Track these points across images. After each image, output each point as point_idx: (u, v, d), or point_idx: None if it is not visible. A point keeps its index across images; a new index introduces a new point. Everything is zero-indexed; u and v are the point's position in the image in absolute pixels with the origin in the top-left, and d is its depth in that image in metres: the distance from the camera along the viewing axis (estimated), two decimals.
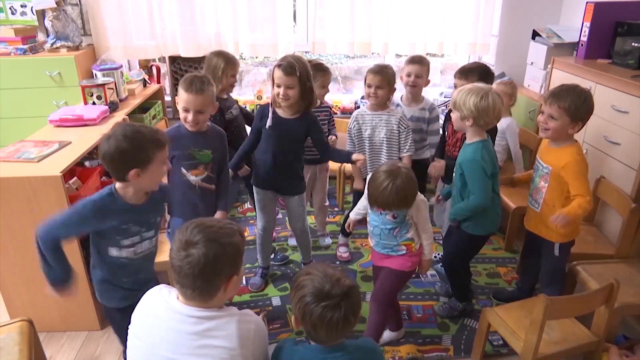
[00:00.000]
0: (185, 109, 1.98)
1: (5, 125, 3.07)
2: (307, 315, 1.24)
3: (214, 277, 1.22)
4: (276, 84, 2.15)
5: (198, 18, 3.32)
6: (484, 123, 1.96)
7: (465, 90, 1.98)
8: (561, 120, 1.93)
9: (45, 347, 2.03)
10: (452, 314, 2.32)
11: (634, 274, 2.13)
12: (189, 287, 1.22)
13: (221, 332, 1.23)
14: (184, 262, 1.19)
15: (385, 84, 2.42)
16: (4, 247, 2.05)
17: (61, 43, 3.13)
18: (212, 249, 1.20)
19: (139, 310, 1.33)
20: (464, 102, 1.95)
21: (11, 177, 1.94)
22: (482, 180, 1.98)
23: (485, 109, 1.92)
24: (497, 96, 1.95)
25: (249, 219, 3.27)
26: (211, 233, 1.22)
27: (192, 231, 1.22)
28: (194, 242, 1.20)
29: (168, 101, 3.63)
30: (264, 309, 2.39)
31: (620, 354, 1.90)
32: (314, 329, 1.26)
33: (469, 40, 3.48)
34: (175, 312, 1.25)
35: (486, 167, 1.96)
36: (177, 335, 1.23)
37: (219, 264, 1.21)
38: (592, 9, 2.76)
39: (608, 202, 2.41)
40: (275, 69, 2.14)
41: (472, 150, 1.99)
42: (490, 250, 2.88)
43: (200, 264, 1.18)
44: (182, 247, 1.21)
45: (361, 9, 3.34)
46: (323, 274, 1.28)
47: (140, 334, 1.29)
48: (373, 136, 2.51)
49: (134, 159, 1.51)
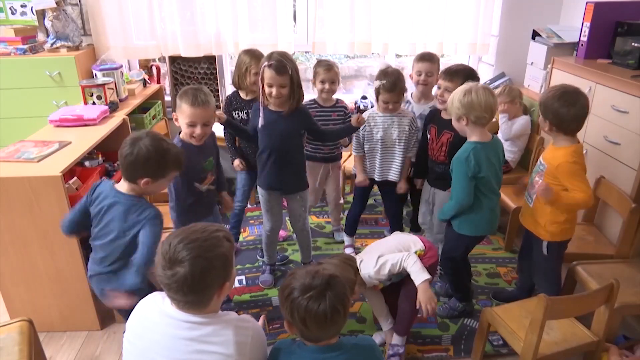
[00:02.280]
0: (192, 124, 1.96)
1: (5, 125, 3.07)
2: (295, 311, 1.25)
3: (205, 290, 1.21)
4: (267, 83, 2.12)
5: (198, 18, 3.31)
6: (475, 118, 1.96)
7: (453, 93, 2.02)
8: (547, 127, 2.00)
9: (45, 347, 2.03)
10: (452, 314, 2.32)
11: (634, 274, 2.13)
12: (181, 300, 1.22)
13: (217, 338, 1.22)
14: (171, 281, 1.17)
15: (400, 98, 2.44)
16: (4, 247, 2.05)
17: (61, 43, 3.13)
18: (198, 266, 1.16)
19: (133, 317, 1.32)
20: (452, 102, 2.00)
21: (11, 177, 1.94)
22: (461, 180, 2.01)
23: (469, 103, 1.94)
24: (484, 91, 1.96)
25: (249, 219, 3.27)
26: (195, 249, 1.18)
27: (176, 248, 1.18)
28: (179, 260, 1.16)
29: (168, 101, 3.63)
30: (264, 309, 2.40)
31: (620, 354, 1.90)
32: (304, 326, 1.25)
33: (468, 40, 3.47)
34: (170, 318, 1.24)
35: (469, 168, 1.97)
36: (172, 340, 1.21)
37: (208, 279, 1.20)
38: (592, 9, 2.76)
39: (608, 202, 2.41)
40: (265, 68, 2.09)
41: (463, 149, 2.02)
42: (490, 250, 2.88)
43: (187, 281, 1.16)
44: (168, 266, 1.17)
45: (361, 9, 3.33)
46: (304, 271, 1.31)
47: (135, 340, 1.28)
48: (385, 138, 2.51)
49: (152, 170, 1.62)
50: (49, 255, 2.08)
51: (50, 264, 2.10)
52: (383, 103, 2.44)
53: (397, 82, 2.38)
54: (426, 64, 2.60)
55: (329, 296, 1.24)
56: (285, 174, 2.31)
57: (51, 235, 2.04)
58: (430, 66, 2.60)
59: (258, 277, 2.64)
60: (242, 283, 2.61)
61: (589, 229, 2.51)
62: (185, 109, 1.95)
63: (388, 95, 2.40)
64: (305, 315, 1.24)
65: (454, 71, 2.37)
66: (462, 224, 2.13)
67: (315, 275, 1.28)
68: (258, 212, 3.35)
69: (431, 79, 2.62)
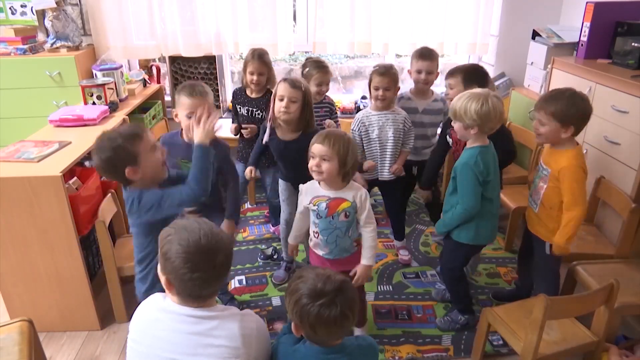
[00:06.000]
0: (191, 114, 1.94)
1: (5, 125, 3.07)
2: (305, 316, 1.24)
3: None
4: (279, 96, 2.13)
5: (198, 18, 3.31)
6: (489, 129, 1.92)
7: (463, 99, 1.91)
8: (550, 125, 1.93)
9: (45, 347, 2.03)
10: (454, 327, 2.25)
11: (634, 274, 2.13)
12: (197, 295, 1.24)
13: (223, 331, 1.22)
14: (212, 272, 1.23)
15: (392, 86, 2.43)
16: (4, 247, 2.05)
17: (61, 43, 3.13)
18: (230, 258, 1.27)
19: (136, 319, 1.32)
20: (465, 111, 1.89)
21: (11, 177, 1.94)
22: (470, 186, 1.94)
23: (487, 114, 1.87)
24: (496, 99, 1.91)
25: (249, 219, 3.27)
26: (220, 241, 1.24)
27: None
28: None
29: (168, 101, 3.62)
30: (264, 309, 2.40)
31: (620, 354, 1.90)
32: (313, 330, 1.26)
33: (468, 40, 3.48)
34: (173, 314, 1.25)
35: (478, 172, 1.92)
36: (178, 335, 1.22)
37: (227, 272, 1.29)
38: (592, 9, 2.76)
39: (608, 202, 2.40)
40: (279, 83, 2.15)
41: (468, 154, 1.96)
42: (490, 250, 2.88)
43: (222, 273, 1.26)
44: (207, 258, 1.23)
45: (361, 9, 3.34)
46: (314, 274, 1.28)
47: (139, 338, 1.28)
48: (381, 136, 2.51)
49: (120, 161, 1.58)
50: (49, 255, 2.08)
51: (50, 264, 2.10)
52: (374, 90, 2.44)
53: (390, 69, 2.41)
54: (426, 63, 2.58)
55: (340, 303, 1.23)
56: (300, 177, 2.26)
57: (51, 235, 2.04)
58: (430, 65, 2.59)
59: (258, 277, 2.64)
60: (242, 283, 2.60)
61: (589, 229, 2.51)
62: (183, 100, 1.98)
63: (379, 78, 2.40)
64: (315, 321, 1.23)
65: (456, 69, 2.37)
66: (462, 232, 2.06)
67: (327, 280, 1.26)
68: (258, 212, 3.36)
69: (431, 77, 2.60)
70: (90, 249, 2.32)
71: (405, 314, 2.36)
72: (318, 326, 1.24)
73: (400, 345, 2.17)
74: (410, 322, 2.32)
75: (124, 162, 1.58)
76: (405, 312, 2.38)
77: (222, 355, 1.21)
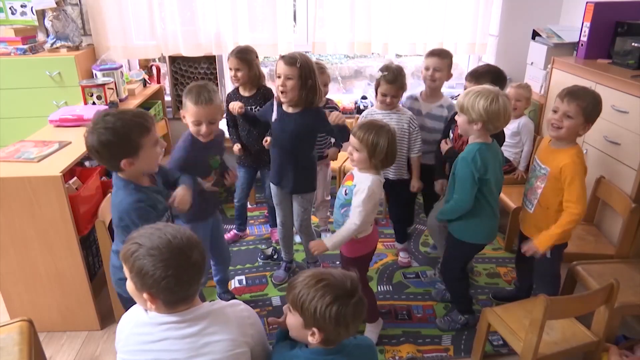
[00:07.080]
0: (198, 122, 1.94)
1: (5, 125, 3.07)
2: (341, 319, 1.19)
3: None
4: (277, 74, 2.15)
5: (198, 18, 3.31)
6: (493, 127, 1.90)
7: (472, 93, 1.87)
8: (576, 120, 1.88)
9: (45, 347, 2.03)
10: (454, 327, 2.25)
11: (634, 274, 2.13)
12: (182, 297, 1.20)
13: (217, 327, 1.21)
14: (191, 272, 1.18)
15: (400, 92, 2.43)
16: (4, 247, 2.05)
17: (61, 43, 3.13)
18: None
19: (123, 341, 1.26)
20: (473, 105, 1.85)
21: (11, 177, 1.94)
22: (466, 181, 1.93)
23: (496, 112, 1.84)
24: (506, 99, 1.88)
25: (249, 219, 3.26)
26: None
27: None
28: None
29: (168, 101, 3.62)
30: (264, 310, 2.40)
31: (620, 354, 1.90)
32: (337, 332, 1.22)
33: (468, 40, 3.48)
34: (164, 324, 1.20)
35: (475, 169, 1.90)
36: (176, 342, 1.19)
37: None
38: (592, 9, 2.76)
39: (608, 202, 2.41)
40: (278, 61, 2.15)
41: (468, 150, 1.95)
42: (490, 250, 2.88)
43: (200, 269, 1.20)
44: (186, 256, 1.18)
45: (361, 9, 3.34)
46: (336, 276, 1.24)
47: (138, 358, 1.23)
48: None
49: (121, 150, 1.50)
50: (49, 255, 2.08)
51: (50, 264, 2.10)
52: (381, 95, 2.44)
53: (398, 75, 2.39)
54: (434, 60, 2.54)
55: (362, 296, 1.24)
56: (291, 173, 2.30)
57: (51, 235, 2.04)
58: (439, 62, 2.53)
59: (258, 277, 2.64)
60: (242, 283, 2.61)
61: (589, 229, 2.51)
62: (189, 107, 1.93)
63: (387, 86, 2.39)
64: (350, 320, 1.21)
65: (480, 73, 2.34)
66: (463, 231, 2.06)
67: (348, 278, 1.24)
68: (258, 212, 3.36)
69: (439, 74, 2.54)
70: (90, 249, 2.32)
71: (405, 314, 2.36)
72: (351, 324, 1.23)
73: (400, 345, 2.17)
74: (410, 322, 2.32)
75: (124, 152, 1.50)
76: (405, 312, 2.38)
77: (225, 350, 1.19)
